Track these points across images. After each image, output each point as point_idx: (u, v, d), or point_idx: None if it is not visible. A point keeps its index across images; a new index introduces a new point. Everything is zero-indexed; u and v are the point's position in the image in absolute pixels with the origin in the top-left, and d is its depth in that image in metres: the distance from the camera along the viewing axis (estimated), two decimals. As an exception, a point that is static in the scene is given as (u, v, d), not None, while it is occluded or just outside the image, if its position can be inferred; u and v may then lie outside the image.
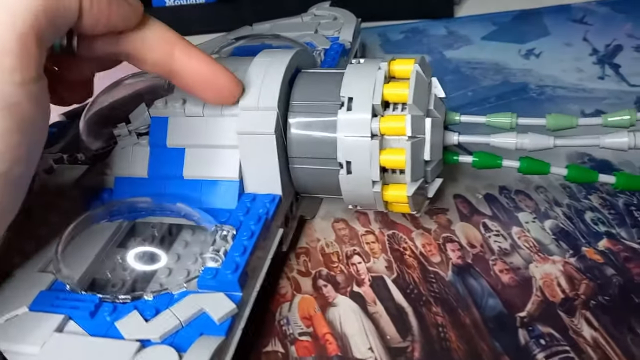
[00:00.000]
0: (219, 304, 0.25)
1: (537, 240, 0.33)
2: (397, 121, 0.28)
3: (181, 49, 0.27)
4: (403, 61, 0.29)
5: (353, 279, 0.31)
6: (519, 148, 0.30)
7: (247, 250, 0.26)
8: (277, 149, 0.29)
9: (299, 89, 0.30)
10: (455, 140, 0.30)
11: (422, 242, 0.33)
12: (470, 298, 0.30)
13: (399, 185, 0.29)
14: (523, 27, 0.54)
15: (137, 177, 0.31)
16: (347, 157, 0.28)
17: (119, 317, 0.25)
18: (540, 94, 0.45)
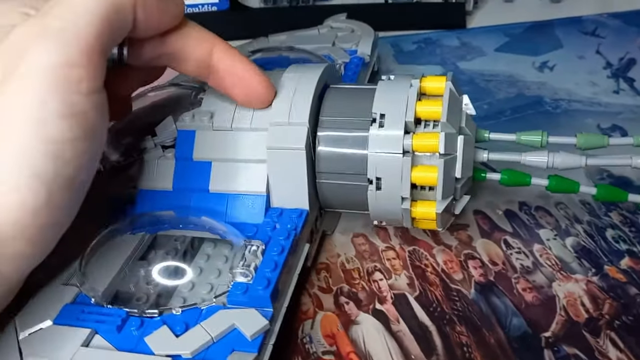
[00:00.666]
0: (250, 320, 0.25)
1: (559, 258, 0.33)
2: (431, 139, 0.27)
3: (220, 48, 0.27)
4: (434, 78, 0.29)
5: (375, 296, 0.31)
6: (551, 167, 0.30)
7: (279, 266, 0.26)
8: (307, 164, 0.29)
9: (329, 105, 0.30)
10: (484, 157, 0.30)
11: (443, 259, 0.33)
12: (494, 317, 0.29)
13: (428, 202, 0.29)
14: (536, 39, 0.54)
15: (162, 190, 0.31)
16: (378, 174, 0.28)
17: (146, 332, 0.25)
18: (556, 108, 0.45)
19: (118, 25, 0.24)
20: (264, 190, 0.30)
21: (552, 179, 0.31)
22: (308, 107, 0.29)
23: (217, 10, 0.56)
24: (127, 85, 0.30)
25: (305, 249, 0.30)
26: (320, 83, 0.30)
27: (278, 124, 0.29)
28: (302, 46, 0.43)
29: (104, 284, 0.27)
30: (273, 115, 0.29)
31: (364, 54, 0.42)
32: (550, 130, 0.42)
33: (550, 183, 0.31)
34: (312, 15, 0.59)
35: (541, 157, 0.30)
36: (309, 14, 0.59)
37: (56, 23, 0.22)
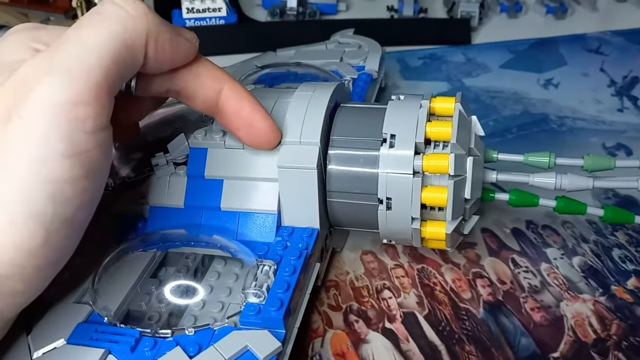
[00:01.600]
0: (263, 342, 0.25)
1: (567, 277, 0.33)
2: (441, 159, 0.28)
3: (229, 88, 0.27)
4: (444, 99, 0.29)
5: (384, 315, 0.31)
6: (558, 188, 0.30)
7: (291, 287, 0.26)
8: (318, 183, 0.29)
9: (340, 124, 0.30)
10: (493, 178, 0.31)
11: (452, 277, 0.33)
12: (503, 337, 0.30)
13: (437, 222, 0.29)
14: (540, 56, 0.55)
15: (173, 206, 0.31)
16: (388, 194, 0.28)
17: (160, 353, 0.25)
18: (561, 125, 0.45)
19: (128, 63, 0.23)
20: (275, 208, 0.30)
21: (559, 200, 0.31)
22: (320, 127, 0.29)
23: (225, 23, 0.57)
24: (134, 114, 0.30)
25: (316, 268, 0.30)
26: (331, 102, 0.30)
27: (289, 143, 0.29)
28: (310, 61, 0.43)
29: (117, 302, 0.27)
30: (285, 135, 0.29)
31: (372, 70, 0.43)
32: (556, 148, 0.42)
33: (558, 204, 0.31)
34: (319, 29, 0.59)
35: (549, 179, 0.31)
36: (315, 29, 0.59)
37: (64, 59, 0.22)
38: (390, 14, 0.61)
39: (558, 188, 0.30)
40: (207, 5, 0.55)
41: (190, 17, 0.56)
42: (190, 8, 0.55)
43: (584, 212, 0.31)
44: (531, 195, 0.31)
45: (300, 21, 0.60)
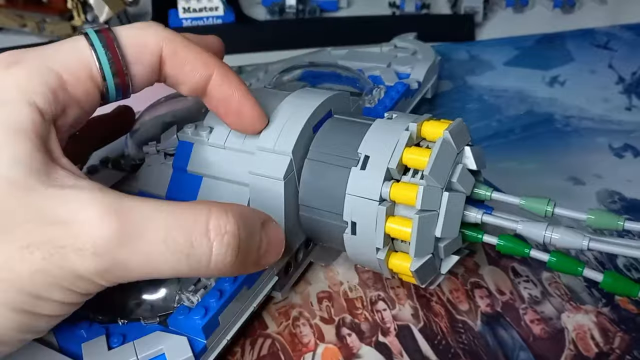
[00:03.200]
0: (178, 348, 0.24)
1: (569, 287, 0.32)
2: (409, 190, 0.25)
3: (218, 74, 0.26)
4: (435, 124, 0.27)
5: (378, 328, 0.30)
6: (547, 243, 0.26)
7: (224, 296, 0.26)
8: (285, 195, 0.28)
9: (321, 136, 0.29)
10: (478, 219, 0.27)
11: (449, 288, 0.32)
12: (501, 351, 0.29)
13: (405, 255, 0.27)
14: (546, 52, 0.53)
15: (156, 195, 0.31)
16: (353, 218, 0.26)
17: (91, 336, 0.25)
18: (566, 125, 0.44)
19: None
20: None
21: (554, 255, 0.27)
22: (295, 137, 0.28)
23: (223, 22, 0.56)
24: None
25: (271, 281, 0.29)
26: (318, 113, 0.29)
27: (264, 149, 0.28)
28: (355, 64, 0.43)
29: None
30: (262, 140, 0.28)
31: (414, 80, 0.41)
32: (561, 150, 0.41)
33: (551, 260, 0.27)
34: (319, 27, 0.58)
35: (539, 230, 0.26)
36: (315, 27, 0.58)
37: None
38: (392, 11, 0.60)
39: (547, 243, 0.26)
40: (203, 5, 0.54)
41: (187, 17, 0.55)
42: (187, 8, 0.54)
43: (580, 274, 0.27)
44: (523, 244, 0.27)
45: (300, 19, 0.59)
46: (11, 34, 0.57)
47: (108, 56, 0.24)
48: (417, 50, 0.45)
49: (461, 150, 0.27)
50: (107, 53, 0.24)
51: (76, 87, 0.23)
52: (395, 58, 0.44)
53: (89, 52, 0.24)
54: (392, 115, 0.28)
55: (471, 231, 0.27)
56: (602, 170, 0.39)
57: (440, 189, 0.25)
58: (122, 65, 0.24)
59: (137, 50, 0.25)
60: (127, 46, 0.24)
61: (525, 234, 0.27)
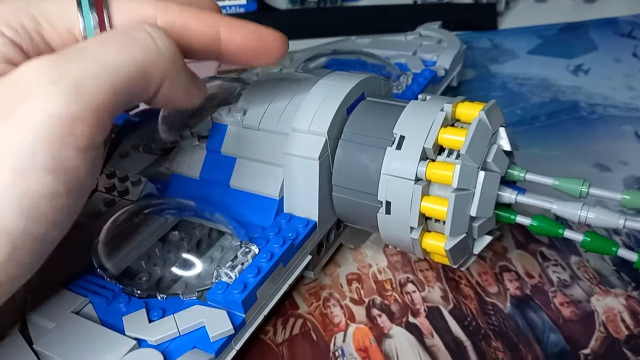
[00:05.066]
0: (218, 321, 0.25)
1: (597, 271, 0.32)
2: (445, 169, 0.25)
3: (226, 29, 0.25)
4: (470, 105, 0.27)
5: (408, 309, 0.30)
6: (583, 222, 0.26)
7: (261, 273, 0.26)
8: (320, 175, 0.28)
9: (355, 118, 0.29)
10: (512, 199, 0.27)
11: (477, 271, 0.32)
12: (531, 333, 0.29)
13: (439, 235, 0.27)
14: (569, 41, 0.53)
15: (190, 177, 0.31)
16: (388, 197, 0.27)
17: (129, 310, 0.26)
18: (592, 113, 0.44)
19: (138, 93, 0.22)
20: (276, 194, 0.29)
21: (588, 235, 0.27)
22: (330, 117, 0.28)
23: (245, 11, 0.56)
24: None
25: (304, 260, 0.29)
26: (352, 95, 0.29)
27: (298, 130, 0.28)
28: (381, 52, 0.43)
29: (115, 258, 0.28)
30: (296, 121, 0.28)
31: (440, 68, 0.41)
32: (586, 137, 0.41)
33: (585, 240, 0.27)
34: (341, 17, 0.58)
35: (574, 210, 0.26)
36: (336, 15, 0.58)
37: (75, 71, 0.20)
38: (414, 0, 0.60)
39: (582, 222, 0.26)
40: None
41: (211, 6, 0.55)
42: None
43: (614, 254, 0.27)
44: (556, 224, 0.27)
45: (322, 8, 0.59)
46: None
47: (93, 17, 0.23)
48: (443, 39, 0.45)
49: (496, 131, 0.27)
50: (94, 14, 0.23)
51: (53, 36, 0.23)
52: (421, 46, 0.44)
53: (74, 8, 0.23)
54: (426, 97, 0.28)
55: (504, 212, 0.28)
56: (628, 157, 0.39)
57: (476, 168, 0.25)
58: (105, 28, 0.24)
59: (126, 16, 0.24)
60: (116, 11, 0.24)
61: (560, 214, 0.27)
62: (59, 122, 0.20)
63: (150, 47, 0.22)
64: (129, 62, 0.21)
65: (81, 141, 0.20)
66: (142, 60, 0.22)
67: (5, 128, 0.19)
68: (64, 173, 0.20)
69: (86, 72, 0.20)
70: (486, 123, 0.26)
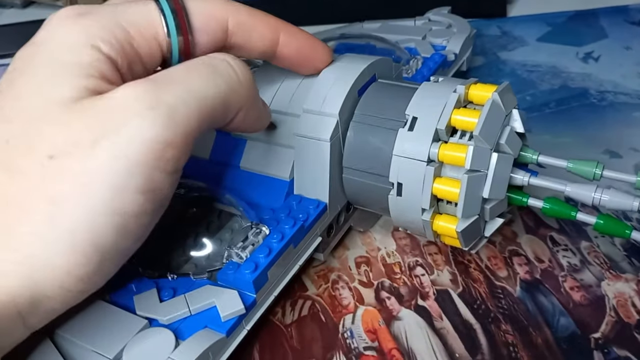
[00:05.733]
0: (229, 301, 0.25)
1: (608, 256, 0.31)
2: (458, 151, 0.25)
3: (285, 34, 0.27)
4: (483, 87, 0.27)
5: (417, 292, 0.30)
6: (597, 204, 0.26)
7: (272, 253, 0.26)
8: (331, 157, 0.28)
9: (366, 99, 0.29)
10: (524, 181, 0.27)
11: (487, 255, 0.32)
12: (541, 316, 0.29)
13: (450, 217, 0.27)
14: (579, 29, 0.53)
15: (200, 158, 0.31)
16: (399, 179, 0.27)
17: (141, 290, 0.26)
18: (602, 100, 0.44)
19: (218, 120, 0.24)
20: (287, 176, 0.29)
21: (601, 217, 0.27)
22: (342, 99, 0.28)
23: None
24: None
25: (315, 242, 0.29)
26: (364, 76, 0.29)
27: (310, 112, 0.28)
28: (391, 36, 0.42)
29: None
30: (307, 102, 0.28)
31: (450, 52, 0.41)
32: (596, 124, 0.41)
33: (598, 222, 0.27)
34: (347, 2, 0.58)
35: (587, 192, 0.26)
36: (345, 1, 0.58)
37: (169, 99, 0.21)
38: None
39: (596, 204, 0.26)
40: (235, -22, 0.54)
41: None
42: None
43: (627, 237, 0.27)
44: (568, 206, 0.27)
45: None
46: (43, 8, 0.58)
47: (176, 21, 0.24)
48: (452, 24, 0.45)
49: (509, 113, 0.26)
50: (175, 18, 0.24)
51: (141, 44, 0.23)
52: (430, 31, 0.44)
53: (157, 14, 0.24)
54: (439, 79, 0.28)
55: (516, 194, 0.27)
56: (639, 144, 0.39)
57: (489, 150, 0.25)
58: (187, 31, 0.25)
59: (203, 19, 0.25)
60: (194, 14, 0.25)
61: (574, 196, 0.27)
62: (155, 147, 0.21)
63: (232, 78, 0.23)
64: (214, 92, 0.23)
65: (170, 165, 0.22)
66: (225, 90, 0.23)
67: (110, 149, 0.20)
68: (153, 194, 0.21)
69: (179, 100, 0.21)
70: (499, 104, 0.26)
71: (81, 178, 0.20)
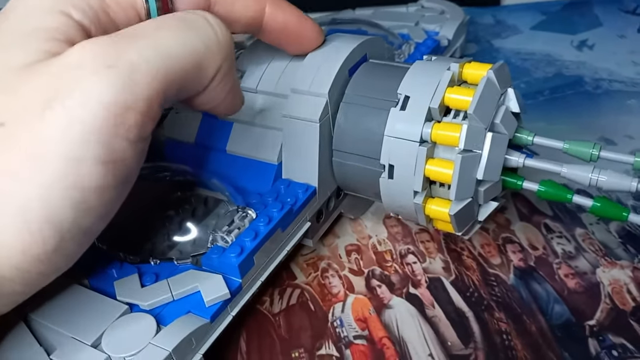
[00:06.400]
0: (213, 286, 0.24)
1: (603, 243, 0.31)
2: (452, 130, 0.24)
3: (271, 5, 0.26)
4: (478, 65, 0.26)
5: (409, 280, 0.29)
6: (594, 185, 0.25)
7: (259, 237, 0.25)
8: (320, 139, 0.27)
9: (357, 79, 0.28)
10: (519, 163, 0.26)
11: (480, 242, 0.31)
12: (535, 304, 0.28)
13: (443, 201, 0.26)
14: (573, 18, 0.52)
15: (185, 142, 0.30)
16: (391, 160, 0.26)
17: (122, 276, 0.25)
18: (596, 88, 0.43)
19: (190, 84, 0.21)
20: (275, 159, 0.28)
21: (598, 200, 0.26)
22: (331, 78, 0.27)
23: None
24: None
25: (304, 227, 0.28)
26: (354, 56, 0.28)
27: (298, 92, 0.27)
28: (384, 22, 0.42)
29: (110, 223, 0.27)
30: (296, 82, 0.27)
31: (443, 37, 0.40)
32: (592, 111, 0.40)
33: (595, 205, 0.26)
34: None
35: (584, 173, 0.25)
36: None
37: (131, 57, 0.19)
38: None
39: (593, 185, 0.25)
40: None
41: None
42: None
43: (625, 219, 0.26)
44: (565, 189, 0.26)
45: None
46: None
47: None
48: (445, 10, 0.44)
49: (504, 92, 0.26)
50: None
51: (118, 13, 0.22)
52: (423, 17, 0.43)
53: None
54: (432, 58, 0.27)
55: (511, 177, 0.27)
56: (633, 131, 0.38)
57: (484, 129, 0.24)
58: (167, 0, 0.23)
59: None
60: None
61: (571, 177, 0.26)
62: (113, 111, 0.19)
63: (209, 36, 0.21)
64: (186, 50, 0.20)
65: (133, 132, 0.19)
66: (200, 50, 0.21)
67: (60, 115, 0.18)
68: (114, 165, 0.19)
69: (142, 58, 0.19)
70: (494, 82, 0.25)
71: (32, 148, 0.18)
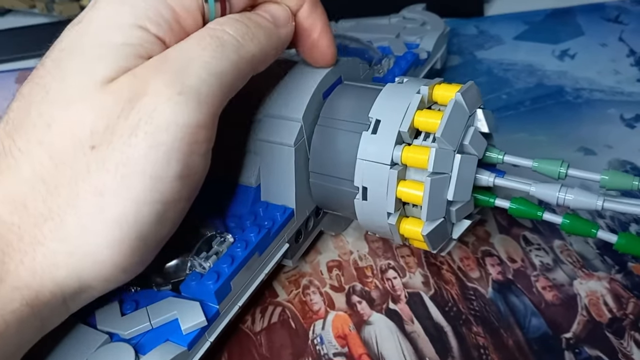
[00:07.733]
0: (191, 313, 0.24)
1: (581, 254, 0.31)
2: (421, 153, 0.25)
3: (309, 3, 0.27)
4: (447, 87, 0.27)
5: (389, 295, 0.30)
6: (561, 204, 0.26)
7: (235, 262, 0.25)
8: (296, 162, 0.27)
9: (331, 103, 0.28)
10: (489, 182, 0.27)
11: (459, 256, 0.32)
12: (513, 317, 0.28)
13: (417, 221, 0.26)
14: (556, 27, 0.53)
15: None
16: (364, 183, 0.26)
17: (102, 303, 0.25)
18: (577, 97, 0.43)
19: (238, 87, 0.24)
20: (253, 182, 0.29)
21: (567, 217, 0.26)
22: (305, 103, 0.27)
23: None
24: None
25: (282, 248, 0.29)
26: (329, 79, 0.28)
27: (272, 116, 0.28)
28: (366, 35, 0.42)
29: None
30: (270, 106, 0.28)
31: (423, 50, 0.41)
32: (572, 121, 0.41)
33: (564, 222, 0.26)
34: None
35: (552, 191, 0.26)
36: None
37: (193, 82, 0.21)
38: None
39: (561, 204, 0.26)
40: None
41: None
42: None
43: (594, 236, 0.26)
44: (535, 207, 0.27)
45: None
46: (20, 16, 0.57)
47: None
48: (426, 21, 0.45)
49: (473, 113, 0.26)
50: None
51: (187, 20, 0.23)
52: (405, 29, 0.44)
53: None
54: (403, 80, 0.28)
55: (483, 195, 0.27)
56: (613, 141, 0.39)
57: (452, 151, 0.25)
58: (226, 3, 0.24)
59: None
60: None
61: (539, 196, 0.26)
62: (188, 131, 0.21)
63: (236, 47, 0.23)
64: (228, 65, 0.22)
65: (204, 147, 0.22)
66: (235, 59, 0.23)
67: (144, 138, 0.20)
68: (189, 179, 0.22)
69: (203, 83, 0.21)
70: (462, 105, 0.25)
71: (122, 169, 0.20)
